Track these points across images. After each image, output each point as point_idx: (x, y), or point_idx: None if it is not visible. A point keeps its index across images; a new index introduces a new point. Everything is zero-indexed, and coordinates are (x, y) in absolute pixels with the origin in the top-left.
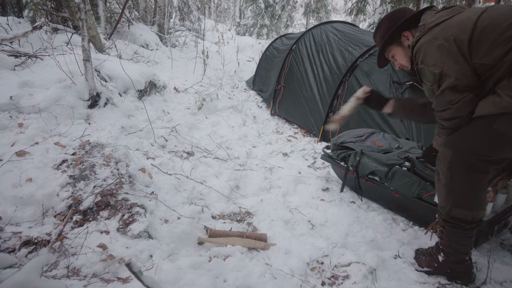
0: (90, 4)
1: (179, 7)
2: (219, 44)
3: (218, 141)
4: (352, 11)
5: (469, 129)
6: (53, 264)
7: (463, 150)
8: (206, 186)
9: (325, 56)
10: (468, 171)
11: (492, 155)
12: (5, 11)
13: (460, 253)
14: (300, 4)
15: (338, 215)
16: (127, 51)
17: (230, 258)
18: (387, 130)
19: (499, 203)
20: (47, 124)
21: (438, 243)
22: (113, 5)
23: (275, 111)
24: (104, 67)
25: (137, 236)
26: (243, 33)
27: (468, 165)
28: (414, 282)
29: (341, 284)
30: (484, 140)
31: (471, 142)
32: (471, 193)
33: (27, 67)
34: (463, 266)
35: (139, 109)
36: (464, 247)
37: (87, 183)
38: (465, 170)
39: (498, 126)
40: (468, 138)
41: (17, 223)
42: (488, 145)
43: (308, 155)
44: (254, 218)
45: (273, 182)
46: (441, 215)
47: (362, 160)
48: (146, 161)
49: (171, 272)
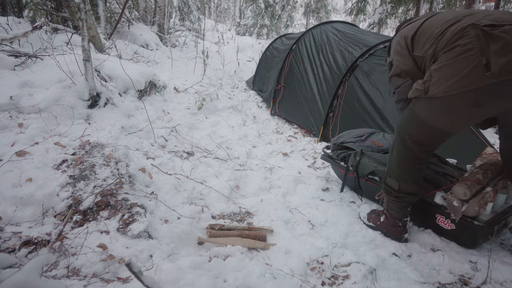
0: (90, 4)
1: (179, 7)
2: (219, 44)
3: (218, 141)
4: (352, 11)
5: (406, 114)
6: (53, 264)
7: (400, 128)
8: (206, 186)
9: (325, 56)
10: (400, 145)
11: (415, 134)
12: (5, 11)
13: (393, 218)
14: (300, 4)
15: (338, 215)
16: (127, 51)
17: (230, 258)
18: (387, 130)
19: (499, 203)
20: (47, 124)
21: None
22: (113, 5)
23: (275, 111)
24: (104, 67)
25: (137, 236)
26: (243, 33)
27: (401, 140)
28: (414, 282)
29: (341, 284)
30: (409, 120)
31: (403, 121)
32: (399, 166)
33: (27, 67)
34: (395, 229)
35: (139, 109)
36: (396, 214)
37: (87, 183)
38: (398, 144)
39: (416, 108)
40: (403, 118)
41: (17, 223)
42: (411, 124)
43: (308, 155)
44: (254, 218)
45: (273, 182)
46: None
47: (362, 160)
48: (146, 161)
49: (171, 272)
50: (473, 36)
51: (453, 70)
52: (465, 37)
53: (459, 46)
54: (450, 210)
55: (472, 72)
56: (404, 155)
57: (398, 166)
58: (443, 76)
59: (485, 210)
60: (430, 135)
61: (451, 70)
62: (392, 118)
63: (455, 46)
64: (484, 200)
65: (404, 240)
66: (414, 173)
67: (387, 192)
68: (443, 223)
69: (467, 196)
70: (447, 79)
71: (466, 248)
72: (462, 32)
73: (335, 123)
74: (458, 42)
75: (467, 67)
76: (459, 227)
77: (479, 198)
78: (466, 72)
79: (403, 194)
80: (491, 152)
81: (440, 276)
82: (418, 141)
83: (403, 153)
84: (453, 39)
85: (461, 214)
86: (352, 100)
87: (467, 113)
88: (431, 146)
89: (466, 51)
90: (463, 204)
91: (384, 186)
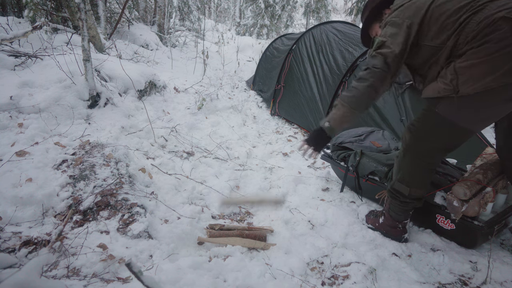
0: (90, 4)
1: (179, 7)
2: (219, 44)
3: (218, 141)
4: (352, 11)
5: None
6: (53, 264)
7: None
8: (206, 186)
9: (325, 56)
10: (414, 151)
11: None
12: (5, 11)
13: (394, 220)
14: (300, 4)
15: (338, 215)
16: (127, 51)
17: (230, 258)
18: (386, 130)
19: (499, 203)
20: (47, 124)
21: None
22: (113, 5)
23: (275, 111)
24: (104, 67)
25: (137, 236)
26: (243, 33)
27: (416, 146)
28: (414, 282)
29: (341, 284)
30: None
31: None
32: (413, 172)
33: (27, 67)
34: (395, 230)
35: (139, 109)
36: (398, 216)
37: (87, 183)
38: (412, 150)
39: (440, 109)
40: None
41: (17, 223)
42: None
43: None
44: (254, 218)
45: (273, 182)
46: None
47: (362, 160)
48: (146, 161)
49: (171, 272)
50: (508, 31)
51: (489, 68)
52: (497, 32)
53: (492, 42)
54: (450, 210)
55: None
56: (419, 161)
57: (411, 172)
58: (477, 74)
59: (485, 210)
60: (451, 137)
61: (486, 68)
62: (391, 118)
63: (486, 41)
64: (484, 200)
65: (404, 240)
66: (427, 178)
67: (393, 197)
68: (443, 223)
69: (467, 196)
70: (484, 76)
71: (466, 248)
72: (493, 26)
73: None
74: (491, 37)
75: (506, 63)
76: (459, 227)
77: (479, 198)
78: (507, 68)
79: (411, 199)
80: (491, 152)
81: (440, 276)
82: (437, 146)
83: (418, 159)
84: (483, 33)
85: (461, 214)
86: None
87: (501, 108)
88: (448, 150)
89: (504, 47)
90: (463, 204)
91: (390, 190)
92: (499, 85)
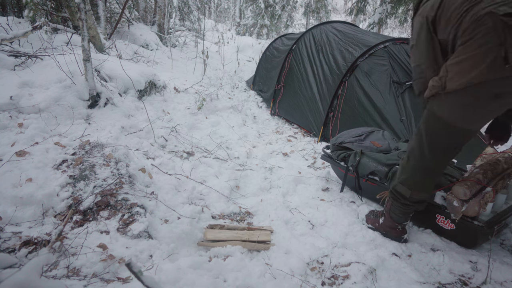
0: (90, 4)
1: (179, 7)
2: (219, 44)
3: (218, 141)
4: (352, 11)
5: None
6: (53, 264)
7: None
8: (206, 186)
9: (325, 56)
10: (418, 154)
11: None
12: (5, 11)
13: (394, 221)
14: (300, 4)
15: (338, 215)
16: (127, 51)
17: (230, 258)
18: (387, 130)
19: (499, 203)
20: (47, 124)
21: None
22: (113, 5)
23: (275, 111)
24: (104, 67)
25: (137, 236)
26: (243, 33)
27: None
28: (414, 282)
29: (341, 284)
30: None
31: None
32: (416, 175)
33: (27, 67)
34: (394, 231)
35: (139, 109)
36: (398, 218)
37: (87, 183)
38: (416, 152)
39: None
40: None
41: (17, 223)
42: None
43: (308, 155)
44: (254, 218)
45: (273, 182)
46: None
47: (362, 160)
48: (146, 161)
49: (171, 272)
50: (491, 27)
51: (472, 64)
52: (482, 27)
53: (476, 38)
54: (450, 210)
55: (492, 65)
56: (423, 165)
57: (414, 175)
58: (462, 70)
59: (485, 210)
60: (450, 138)
61: (469, 64)
62: (392, 118)
63: (471, 37)
64: (484, 200)
65: (404, 240)
66: (429, 182)
67: (394, 198)
68: (443, 223)
69: (467, 196)
70: (466, 73)
71: (466, 248)
72: (479, 21)
73: (335, 123)
74: (475, 32)
75: (485, 60)
76: (459, 227)
77: (479, 198)
78: (486, 65)
79: (412, 202)
80: (491, 152)
81: (440, 276)
82: (438, 148)
83: (422, 163)
84: (470, 29)
85: (461, 214)
86: (352, 100)
87: (487, 106)
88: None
89: (484, 43)
90: (463, 204)
91: (392, 191)
92: (480, 81)
